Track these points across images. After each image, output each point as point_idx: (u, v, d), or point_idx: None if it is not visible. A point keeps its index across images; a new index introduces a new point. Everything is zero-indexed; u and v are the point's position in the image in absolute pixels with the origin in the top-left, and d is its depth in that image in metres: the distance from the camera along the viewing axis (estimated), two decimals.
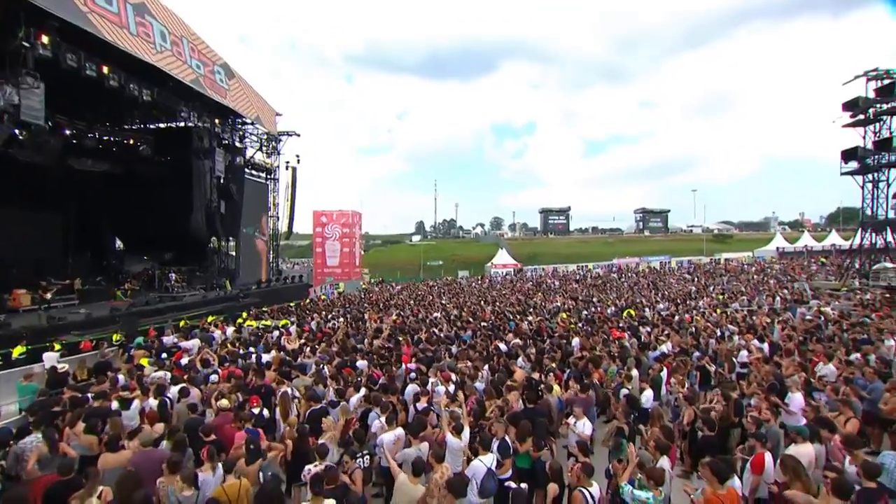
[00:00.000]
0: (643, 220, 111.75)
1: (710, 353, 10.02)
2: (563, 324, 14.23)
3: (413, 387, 7.27)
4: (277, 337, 13.05)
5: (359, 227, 48.85)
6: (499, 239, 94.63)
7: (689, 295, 23.33)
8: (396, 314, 19.26)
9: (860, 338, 10.40)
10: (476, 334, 12.91)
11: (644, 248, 69.68)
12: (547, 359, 8.82)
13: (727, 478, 3.89)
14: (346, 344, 11.28)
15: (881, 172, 29.73)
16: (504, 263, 56.34)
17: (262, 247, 33.39)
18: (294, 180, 36.66)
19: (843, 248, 48.57)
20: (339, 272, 45.03)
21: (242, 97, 25.77)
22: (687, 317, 14.56)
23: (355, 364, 8.91)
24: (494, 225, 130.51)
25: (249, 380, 7.79)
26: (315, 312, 21.60)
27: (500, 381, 7.28)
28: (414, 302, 26.42)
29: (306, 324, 16.87)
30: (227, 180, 27.50)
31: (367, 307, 23.91)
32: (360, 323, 16.57)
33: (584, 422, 5.61)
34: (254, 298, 25.95)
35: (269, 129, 31.07)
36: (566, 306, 21.28)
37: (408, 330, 13.62)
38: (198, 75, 20.82)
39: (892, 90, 28.17)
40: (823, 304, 18.26)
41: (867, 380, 7.32)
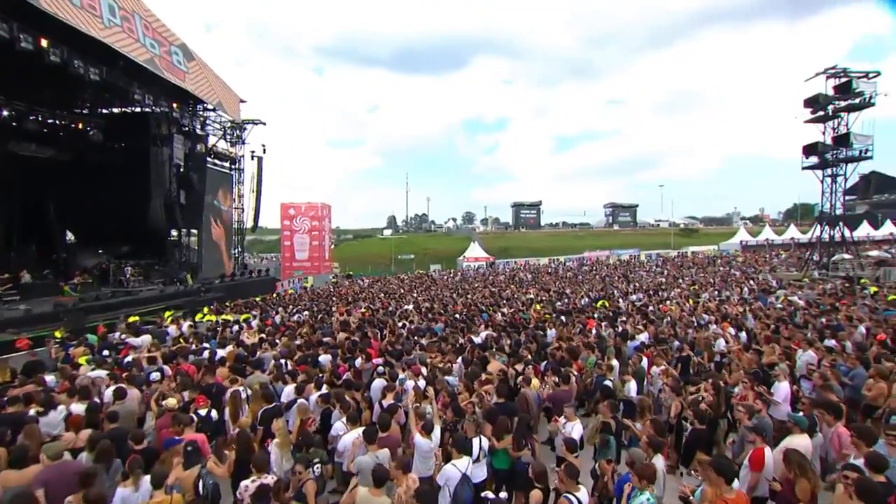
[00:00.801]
0: (612, 215, 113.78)
1: (689, 342, 9.80)
2: (536, 315, 13.87)
3: (380, 382, 6.71)
4: (237, 331, 12.24)
5: (328, 219, 47.66)
6: (471, 233, 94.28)
7: (660, 286, 23.46)
8: (365, 307, 18.57)
9: (833, 324, 10.40)
10: (448, 326, 12.41)
11: (613, 242, 70.64)
12: (523, 350, 8.38)
13: (734, 478, 3.49)
14: (310, 338, 10.59)
15: (839, 167, 30.68)
16: (476, 257, 56.12)
17: (220, 234, 31.83)
18: (260, 171, 35.29)
19: (802, 242, 50.56)
20: (309, 266, 43.87)
21: (203, 81, 24.39)
22: (663, 306, 14.43)
23: (318, 359, 8.26)
24: (466, 219, 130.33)
25: (198, 378, 7.05)
26: (280, 306, 20.70)
27: (475, 375, 6.79)
28: (384, 295, 25.74)
29: (269, 318, 16.05)
30: (187, 169, 26.10)
31: (336, 301, 23.10)
32: (326, 316, 15.84)
33: (575, 424, 5.16)
34: (217, 293, 24.79)
35: (232, 115, 29.66)
36: (539, 298, 21.04)
37: (377, 323, 13.00)
38: (152, 55, 19.46)
39: (850, 88, 29.10)
40: (790, 294, 18.56)
41: (848, 366, 7.18)
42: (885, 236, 48.41)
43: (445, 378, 6.83)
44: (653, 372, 7.49)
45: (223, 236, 32.24)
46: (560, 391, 6.32)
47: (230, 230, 33.77)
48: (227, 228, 32.89)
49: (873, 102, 28.98)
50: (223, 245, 32.36)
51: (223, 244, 32.33)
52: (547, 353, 8.58)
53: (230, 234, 33.96)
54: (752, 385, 6.33)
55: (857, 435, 4.05)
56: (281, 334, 11.59)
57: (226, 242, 32.79)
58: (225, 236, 32.55)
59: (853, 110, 29.33)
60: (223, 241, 32.25)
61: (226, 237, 32.73)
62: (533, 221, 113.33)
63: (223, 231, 32.12)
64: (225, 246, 32.66)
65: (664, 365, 7.48)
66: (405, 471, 3.94)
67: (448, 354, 8.42)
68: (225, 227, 32.46)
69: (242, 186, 35.07)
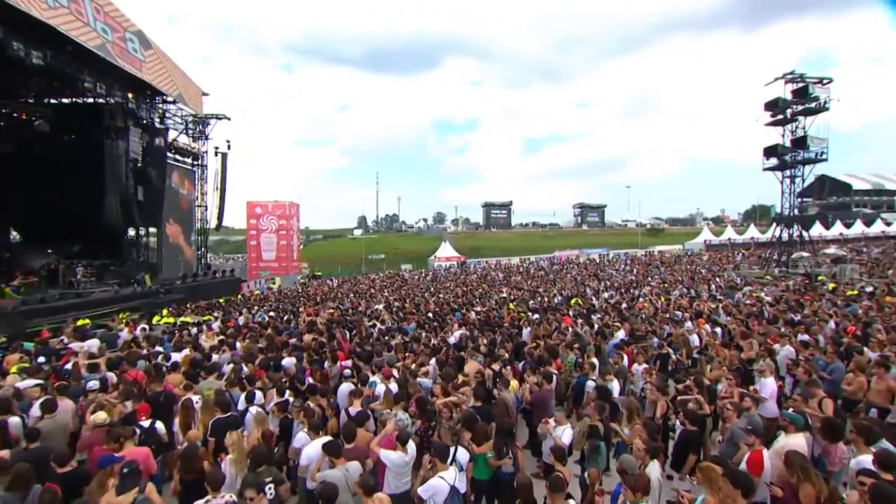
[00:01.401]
0: (581, 215, 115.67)
1: (666, 338, 9.68)
2: (511, 313, 13.58)
3: (346, 386, 6.21)
4: (195, 334, 11.44)
5: (296, 219, 46.42)
6: (442, 232, 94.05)
7: (631, 284, 23.66)
8: (334, 307, 17.91)
9: (805, 320, 10.49)
10: (420, 326, 11.98)
11: (583, 241, 71.71)
12: (500, 350, 8.03)
13: (752, 490, 3.20)
14: (275, 339, 9.95)
15: (797, 169, 31.87)
16: (448, 256, 55.86)
17: (177, 232, 30.51)
18: (224, 167, 33.94)
19: (761, 241, 52.48)
20: (276, 266, 42.61)
21: (161, 71, 23.11)
22: (638, 303, 14.39)
23: (280, 362, 7.67)
24: (437, 219, 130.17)
25: (145, 385, 6.38)
26: (245, 307, 19.81)
27: (450, 376, 6.39)
28: (355, 295, 25.08)
29: (232, 319, 15.22)
30: (145, 164, 24.68)
31: (303, 301, 22.32)
32: (292, 317, 15.13)
33: (565, 429, 4.80)
34: (177, 294, 23.56)
35: (194, 109, 28.33)
36: (512, 297, 20.86)
37: (346, 323, 12.43)
38: (104, 41, 18.20)
39: (806, 92, 30.28)
40: (756, 290, 18.96)
41: (826, 360, 7.13)
42: (835, 236, 50.80)
43: (418, 381, 6.40)
44: (634, 370, 7.27)
45: (180, 233, 30.93)
46: (542, 391, 5.97)
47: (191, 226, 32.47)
48: (187, 225, 31.59)
49: (828, 107, 30.30)
50: (183, 243, 31.02)
51: (183, 243, 31.00)
52: (524, 352, 8.26)
53: (191, 230, 32.65)
54: (737, 382, 6.17)
55: (856, 431, 3.86)
56: (243, 336, 10.90)
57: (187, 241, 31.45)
58: (185, 236, 31.24)
59: (809, 114, 30.57)
60: (179, 238, 30.94)
61: (187, 237, 31.41)
62: (503, 221, 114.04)
63: (179, 229, 30.80)
64: (185, 245, 31.32)
65: (645, 363, 7.26)
66: (368, 492, 3.47)
67: (421, 355, 7.99)
68: (182, 226, 31.15)
69: (205, 183, 33.74)
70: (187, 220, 31.90)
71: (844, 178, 75.19)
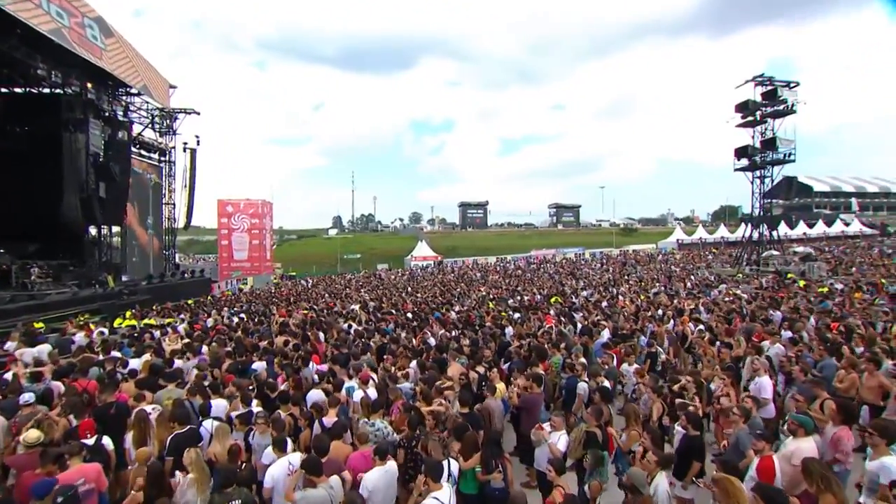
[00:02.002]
0: (557, 215, 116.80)
1: (650, 336, 9.51)
2: (491, 312, 13.21)
3: (316, 393, 5.72)
4: (158, 337, 10.71)
5: (269, 218, 45.24)
6: (418, 232, 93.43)
7: (609, 282, 23.71)
8: (308, 307, 17.27)
9: (789, 316, 10.45)
10: (399, 326, 11.55)
11: (558, 241, 72.26)
12: (484, 350, 7.65)
13: None
14: (244, 342, 9.35)
15: (766, 169, 32.68)
16: (424, 256, 55.43)
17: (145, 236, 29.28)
18: (193, 164, 32.66)
19: (731, 240, 53.86)
20: (248, 266, 41.41)
21: (124, 61, 21.97)
22: (619, 301, 14.26)
23: (250, 367, 7.12)
24: (413, 219, 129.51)
25: (96, 396, 5.75)
26: (214, 309, 18.95)
27: (433, 380, 6.00)
28: (330, 295, 24.40)
29: (199, 321, 14.43)
30: (106, 158, 23.44)
31: (276, 301, 21.56)
32: (264, 318, 14.44)
33: (561, 435, 4.47)
34: (142, 296, 22.42)
35: (160, 102, 27.15)
36: (491, 295, 20.62)
37: (320, 324, 11.84)
38: (59, 25, 17.08)
39: (775, 95, 31.05)
40: (731, 288, 19.17)
41: (814, 357, 7.03)
42: (799, 236, 52.53)
43: (399, 385, 5.98)
44: (624, 370, 7.01)
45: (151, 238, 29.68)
46: (532, 395, 5.61)
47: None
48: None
49: (795, 110, 31.11)
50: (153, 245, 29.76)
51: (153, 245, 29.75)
52: (509, 352, 7.93)
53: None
54: (732, 381, 5.96)
55: (877, 432, 3.62)
56: (210, 339, 10.24)
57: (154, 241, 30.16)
58: (150, 236, 29.96)
59: (778, 116, 31.34)
60: (148, 240, 29.65)
61: (153, 237, 30.11)
62: (480, 221, 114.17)
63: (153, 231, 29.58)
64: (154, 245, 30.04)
65: (635, 364, 7.01)
66: None
67: (401, 358, 7.56)
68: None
69: (174, 180, 32.43)
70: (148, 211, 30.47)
71: (805, 180, 78.01)
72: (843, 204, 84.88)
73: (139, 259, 29.38)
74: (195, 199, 32.83)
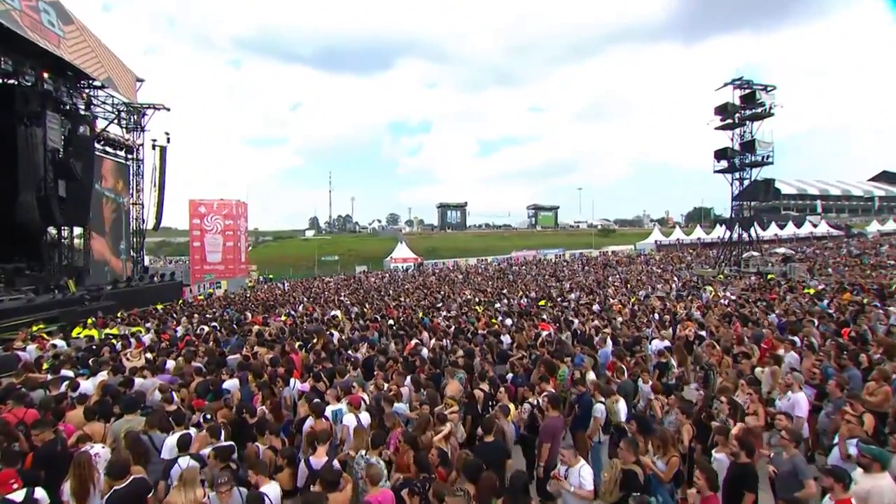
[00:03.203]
0: (535, 216, 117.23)
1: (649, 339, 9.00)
2: (483, 318, 12.48)
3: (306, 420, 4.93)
4: (119, 350, 9.67)
5: (244, 219, 43.71)
6: (397, 233, 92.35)
7: (596, 284, 23.37)
8: (286, 314, 16.32)
9: (792, 321, 10.05)
10: (384, 335, 10.79)
11: (537, 242, 72.29)
12: (484, 363, 6.96)
13: None
14: (214, 354, 8.44)
15: (745, 171, 33.10)
16: (404, 258, 54.58)
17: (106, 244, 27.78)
18: (163, 162, 31.14)
19: (707, 241, 54.72)
20: (222, 269, 39.89)
21: (86, 50, 20.53)
22: (615, 305, 13.76)
23: (221, 386, 6.29)
24: (391, 220, 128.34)
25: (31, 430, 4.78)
26: (185, 315, 17.80)
27: (433, 401, 5.31)
28: (309, 299, 23.41)
29: (168, 330, 13.34)
30: (67, 155, 21.94)
31: (252, 307, 20.49)
32: (238, 326, 13.42)
33: (581, 469, 3.78)
34: (106, 301, 21.02)
35: (126, 95, 25.64)
36: (477, 299, 20.02)
37: (300, 333, 10.96)
38: (8, 7, 15.65)
39: (754, 98, 31.44)
40: (718, 289, 19.01)
41: (834, 366, 6.58)
42: (770, 237, 53.69)
43: (394, 408, 5.25)
44: (639, 386, 6.39)
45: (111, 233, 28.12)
46: (552, 420, 4.90)
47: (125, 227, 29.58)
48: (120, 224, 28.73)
49: (772, 113, 31.59)
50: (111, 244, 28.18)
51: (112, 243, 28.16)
52: (513, 363, 7.25)
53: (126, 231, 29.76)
54: (759, 396, 5.44)
55: None
56: (178, 352, 9.28)
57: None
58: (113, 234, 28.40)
59: (756, 119, 31.76)
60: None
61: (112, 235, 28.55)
62: (459, 222, 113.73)
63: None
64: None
65: (650, 378, 6.41)
66: None
67: (394, 373, 6.81)
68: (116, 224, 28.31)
69: (142, 179, 30.84)
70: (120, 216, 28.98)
71: None
72: (809, 206, 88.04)
73: (106, 261, 27.81)
74: (165, 199, 31.45)
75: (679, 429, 4.79)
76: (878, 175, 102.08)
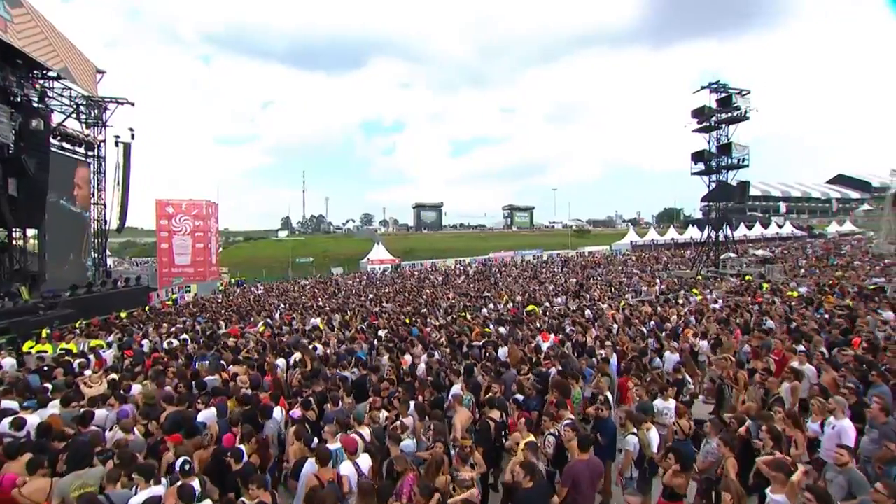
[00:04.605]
0: (511, 216, 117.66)
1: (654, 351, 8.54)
2: (476, 328, 11.81)
3: (308, 468, 4.16)
4: (77, 371, 8.60)
5: (215, 219, 42.03)
6: (373, 234, 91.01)
7: (580, 287, 23.07)
8: (263, 323, 15.34)
9: (797, 329, 9.74)
10: (374, 349, 10.03)
11: (515, 243, 72.27)
12: (492, 384, 6.28)
13: None
14: (186, 376, 7.53)
15: (722, 173, 33.69)
16: (381, 259, 53.58)
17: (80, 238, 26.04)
18: (127, 159, 29.38)
19: (680, 242, 55.72)
20: (192, 272, 38.15)
21: (37, 37, 19.01)
22: (608, 312, 13.35)
23: (194, 421, 5.46)
24: (365, 220, 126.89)
25: None
26: (152, 325, 16.59)
27: (443, 435, 4.66)
28: (285, 305, 22.36)
29: (134, 343, 12.20)
30: (18, 150, 20.28)
31: (225, 315, 19.36)
32: (212, 338, 12.38)
33: None
34: (64, 309, 19.50)
35: (85, 88, 24.03)
36: (461, 304, 19.42)
37: (282, 348, 10.04)
38: None
39: (730, 101, 31.99)
40: (702, 293, 18.93)
41: (856, 380, 6.22)
42: (740, 237, 55.05)
43: (403, 446, 4.56)
44: (658, 406, 5.84)
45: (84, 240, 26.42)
46: (579, 463, 4.15)
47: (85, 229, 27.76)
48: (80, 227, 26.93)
49: (748, 116, 32.24)
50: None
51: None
52: (520, 383, 6.63)
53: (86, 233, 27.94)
54: (795, 420, 4.99)
55: None
56: (145, 372, 8.31)
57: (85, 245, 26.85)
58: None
59: (732, 122, 32.35)
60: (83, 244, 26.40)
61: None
62: (434, 223, 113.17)
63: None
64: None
65: (671, 398, 5.90)
66: None
67: (385, 393, 6.09)
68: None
69: (104, 178, 29.04)
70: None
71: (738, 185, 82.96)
72: (772, 207, 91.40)
73: (64, 265, 26.00)
74: (129, 199, 29.71)
75: (723, 464, 4.28)
76: (834, 178, 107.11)
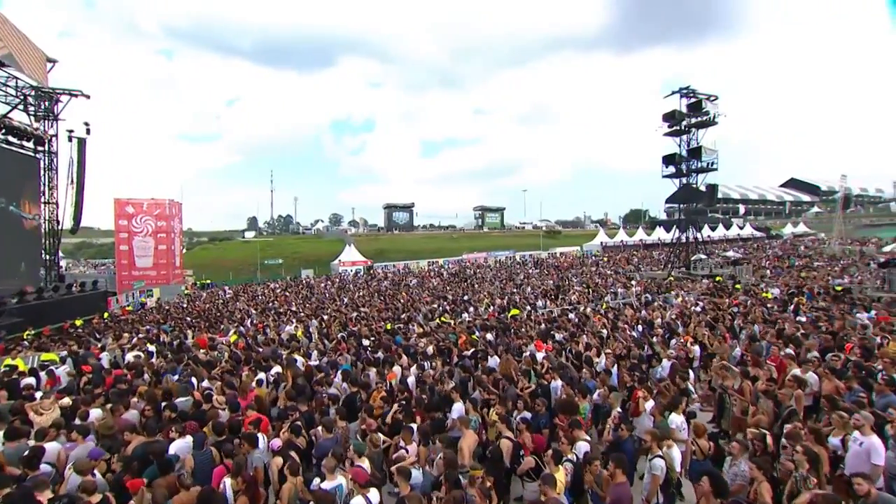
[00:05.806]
0: (482, 217, 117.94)
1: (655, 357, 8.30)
2: (463, 335, 11.36)
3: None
4: (24, 393, 7.65)
5: (178, 220, 40.18)
6: (344, 235, 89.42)
7: (560, 289, 22.97)
8: (235, 331, 14.48)
9: (789, 334, 9.69)
10: (360, 360, 9.46)
11: (487, 244, 72.30)
12: (493, 399, 5.85)
13: None
14: (156, 399, 6.80)
15: (691, 177, 34.59)
16: (353, 261, 52.53)
17: None
18: (82, 155, 27.50)
19: (648, 242, 56.88)
20: (154, 275, 36.36)
21: None
22: (596, 317, 13.15)
23: (166, 454, 4.77)
24: (334, 221, 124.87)
25: None
26: (112, 335, 15.46)
27: (452, 464, 4.20)
28: (257, 311, 21.36)
29: (91, 357, 11.16)
30: None
31: (192, 322, 18.30)
32: (181, 349, 11.50)
33: None
34: (11, 318, 18.02)
35: (34, 77, 22.36)
36: (441, 308, 18.98)
37: (256, 360, 9.30)
38: None
39: (700, 106, 32.88)
40: (681, 294, 19.10)
41: (857, 392, 6.13)
42: (704, 238, 56.68)
43: (413, 482, 4.09)
44: (672, 422, 5.53)
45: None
46: (619, 487, 3.85)
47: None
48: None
49: (716, 121, 33.23)
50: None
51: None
52: (523, 399, 6.23)
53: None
54: (817, 437, 4.77)
55: None
56: (105, 392, 7.46)
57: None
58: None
59: (701, 127, 33.26)
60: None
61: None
62: (406, 223, 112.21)
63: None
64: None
65: (682, 413, 5.61)
66: None
67: (378, 411, 5.56)
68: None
69: (56, 175, 27.10)
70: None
71: (700, 187, 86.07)
72: (732, 209, 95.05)
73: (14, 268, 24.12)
74: (84, 197, 27.82)
75: (757, 486, 4.00)
76: (787, 182, 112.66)
